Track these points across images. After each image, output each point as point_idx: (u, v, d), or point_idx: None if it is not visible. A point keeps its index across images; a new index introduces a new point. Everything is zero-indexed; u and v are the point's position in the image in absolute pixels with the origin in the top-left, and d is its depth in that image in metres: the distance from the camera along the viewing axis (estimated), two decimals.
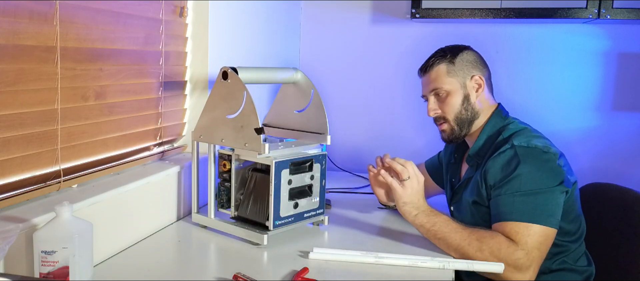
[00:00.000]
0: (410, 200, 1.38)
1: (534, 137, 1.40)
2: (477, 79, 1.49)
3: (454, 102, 1.48)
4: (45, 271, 0.95)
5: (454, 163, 1.63)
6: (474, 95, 1.49)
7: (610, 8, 1.94)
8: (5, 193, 1.03)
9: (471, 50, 1.54)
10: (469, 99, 1.48)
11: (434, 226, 1.35)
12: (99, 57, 1.24)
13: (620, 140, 2.17)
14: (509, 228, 1.29)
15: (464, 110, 1.48)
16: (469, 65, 1.50)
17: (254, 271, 1.16)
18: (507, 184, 1.32)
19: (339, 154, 2.40)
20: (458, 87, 1.48)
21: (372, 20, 2.36)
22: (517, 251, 1.26)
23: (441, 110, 1.51)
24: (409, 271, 1.21)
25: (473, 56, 1.52)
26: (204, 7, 1.62)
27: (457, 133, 1.50)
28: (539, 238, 1.27)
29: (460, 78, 1.49)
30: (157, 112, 1.50)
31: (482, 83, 1.49)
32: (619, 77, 2.14)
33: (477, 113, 1.49)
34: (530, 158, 1.33)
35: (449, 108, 1.49)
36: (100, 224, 1.16)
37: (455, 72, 1.49)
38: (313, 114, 1.46)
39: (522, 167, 1.32)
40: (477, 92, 1.49)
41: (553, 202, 1.31)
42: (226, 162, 1.39)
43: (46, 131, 1.10)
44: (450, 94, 1.48)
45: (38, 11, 1.05)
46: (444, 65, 1.50)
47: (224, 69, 1.32)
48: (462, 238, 1.30)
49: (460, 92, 1.48)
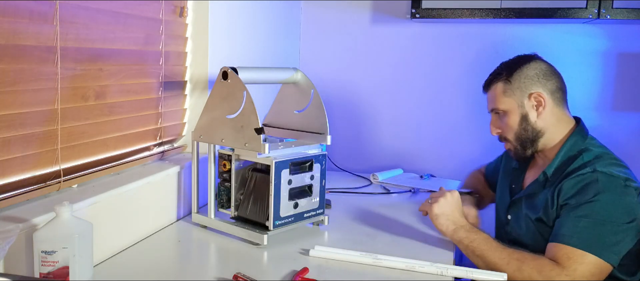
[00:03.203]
0: (443, 212, 1.38)
1: (617, 166, 1.34)
2: (536, 96, 1.41)
3: (511, 123, 1.44)
4: (45, 271, 0.95)
5: (518, 169, 1.56)
6: (533, 114, 1.41)
7: (610, 8, 1.94)
8: (5, 193, 1.03)
9: (534, 62, 1.44)
10: (528, 119, 1.42)
11: (472, 243, 1.32)
12: (99, 57, 1.24)
13: (620, 140, 2.17)
14: (563, 252, 1.22)
15: (523, 130, 1.42)
16: (527, 81, 1.42)
17: (254, 271, 1.16)
18: (578, 208, 1.26)
19: (339, 154, 2.40)
20: (515, 107, 1.42)
21: (372, 20, 2.36)
22: (561, 274, 1.19)
23: (501, 129, 1.48)
24: (408, 275, 1.20)
25: (535, 70, 1.43)
26: (204, 7, 1.62)
27: (521, 152, 1.46)
28: (592, 270, 1.20)
29: (518, 97, 1.42)
30: (157, 112, 1.50)
31: (542, 101, 1.40)
32: (619, 77, 2.14)
33: (540, 132, 1.42)
34: (611, 188, 1.27)
35: (507, 129, 1.45)
36: (100, 224, 1.16)
37: (512, 91, 1.43)
38: (313, 114, 1.46)
39: (600, 195, 1.26)
40: (537, 110, 1.41)
41: (619, 238, 1.23)
42: (226, 162, 1.39)
43: (46, 131, 1.10)
44: (508, 114, 1.44)
45: (38, 11, 1.05)
46: (500, 84, 1.45)
47: (224, 69, 1.32)
48: (501, 258, 1.26)
49: (518, 112, 1.42)
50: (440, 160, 2.33)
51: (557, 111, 1.43)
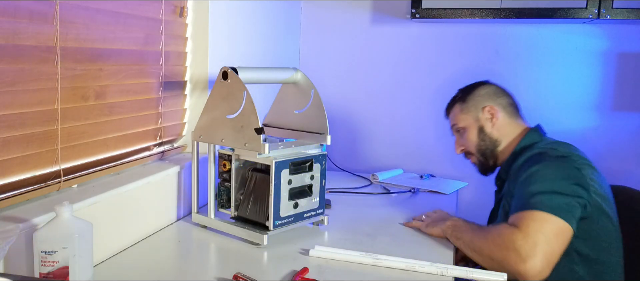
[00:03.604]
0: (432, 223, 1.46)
1: (562, 145, 1.43)
2: (489, 109, 1.57)
3: (471, 137, 1.60)
4: (45, 271, 0.95)
5: (498, 191, 1.65)
6: (488, 125, 1.57)
7: (610, 8, 1.94)
8: (5, 193, 1.03)
9: (485, 85, 1.64)
10: (484, 130, 1.58)
11: (458, 240, 1.37)
12: (99, 57, 1.24)
13: (620, 140, 2.17)
14: (516, 217, 1.29)
15: (482, 140, 1.58)
16: (480, 99, 1.60)
17: (254, 271, 1.16)
18: (525, 181, 1.35)
19: (339, 154, 2.40)
20: (472, 122, 1.60)
21: (372, 21, 2.36)
22: (515, 234, 1.24)
23: (464, 145, 1.64)
24: (408, 275, 1.20)
25: (486, 89, 1.62)
26: (204, 7, 1.62)
27: (485, 162, 1.61)
28: (544, 224, 1.24)
29: (473, 113, 1.60)
30: (157, 112, 1.50)
31: (495, 113, 1.57)
32: (619, 77, 2.15)
33: (497, 141, 1.57)
34: (548, 159, 1.38)
35: (469, 143, 1.62)
36: (100, 224, 1.16)
37: (468, 109, 1.61)
38: (313, 114, 1.46)
39: (537, 165, 1.36)
40: (491, 121, 1.57)
41: (568, 200, 1.28)
42: (226, 162, 1.39)
43: (46, 131, 1.10)
44: (467, 130, 1.61)
45: (38, 11, 1.05)
46: (458, 105, 1.64)
47: (224, 69, 1.32)
48: (474, 236, 1.33)
49: (475, 126, 1.59)
50: (440, 160, 2.33)
51: (511, 121, 1.59)
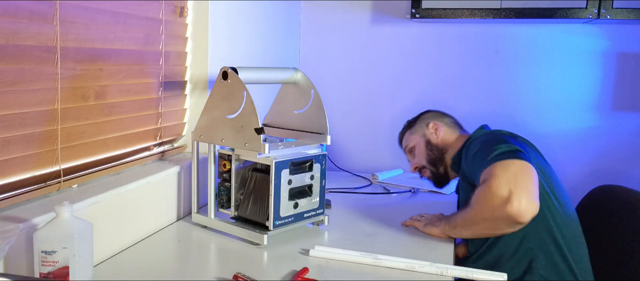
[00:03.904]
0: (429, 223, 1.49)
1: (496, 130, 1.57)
2: (432, 125, 1.75)
3: (420, 150, 1.77)
4: (45, 271, 0.95)
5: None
6: (434, 137, 1.74)
7: (610, 8, 1.94)
8: (5, 193, 1.03)
9: (428, 112, 1.84)
10: (431, 142, 1.74)
11: (455, 229, 1.42)
12: (99, 57, 1.24)
13: (620, 140, 2.17)
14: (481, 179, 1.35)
15: (430, 151, 1.74)
16: (424, 120, 1.79)
17: (254, 271, 1.16)
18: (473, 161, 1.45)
19: (339, 154, 2.40)
20: (420, 139, 1.77)
21: (372, 21, 2.36)
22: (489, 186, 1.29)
23: (416, 163, 1.78)
24: (408, 275, 1.20)
25: (429, 113, 1.83)
26: (204, 7, 1.62)
27: (436, 172, 1.74)
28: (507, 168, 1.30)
29: (420, 131, 1.78)
30: (157, 112, 1.50)
31: (438, 127, 1.74)
32: (619, 77, 2.15)
33: (444, 149, 1.72)
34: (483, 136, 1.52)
35: (420, 157, 1.77)
36: (100, 224, 1.16)
37: (415, 130, 1.80)
38: (313, 114, 1.46)
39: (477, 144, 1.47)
40: (436, 134, 1.74)
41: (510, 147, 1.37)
42: (226, 162, 1.39)
43: (46, 131, 1.10)
44: (417, 147, 1.78)
45: (38, 11, 1.05)
46: (407, 132, 1.84)
47: (224, 69, 1.32)
48: (463, 214, 1.39)
49: (422, 141, 1.76)
50: None
51: (454, 132, 1.74)
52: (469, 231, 1.40)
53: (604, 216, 1.57)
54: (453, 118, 1.80)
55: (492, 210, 1.29)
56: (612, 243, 1.52)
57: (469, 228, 1.39)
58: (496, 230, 1.35)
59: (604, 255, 1.50)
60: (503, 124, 2.21)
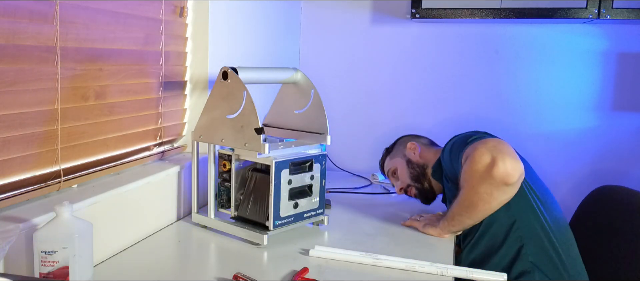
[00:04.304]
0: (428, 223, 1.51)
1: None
2: (410, 145, 1.81)
3: (402, 170, 1.81)
4: (45, 271, 0.95)
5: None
6: (413, 156, 1.80)
7: (610, 8, 1.94)
8: (5, 193, 1.03)
9: (405, 135, 1.93)
10: (411, 160, 1.79)
11: (454, 221, 1.43)
12: (99, 57, 1.24)
13: (619, 140, 2.17)
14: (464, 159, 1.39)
15: (412, 169, 1.78)
16: (402, 144, 1.87)
17: (254, 271, 1.16)
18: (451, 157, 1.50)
19: (339, 154, 2.40)
20: (400, 160, 1.82)
21: (372, 21, 2.36)
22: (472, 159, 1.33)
23: (401, 184, 1.81)
24: (408, 275, 1.20)
25: (406, 137, 1.91)
26: (204, 7, 1.62)
27: (421, 187, 1.77)
28: (486, 143, 1.35)
29: (399, 154, 1.84)
30: (157, 112, 1.50)
31: (416, 146, 1.80)
32: (619, 77, 2.14)
33: (424, 164, 1.77)
34: (455, 137, 1.56)
35: (403, 177, 1.80)
36: (100, 224, 1.16)
37: (394, 154, 1.87)
38: (313, 114, 1.46)
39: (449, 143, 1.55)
40: (415, 152, 1.80)
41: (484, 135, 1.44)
42: (226, 162, 1.39)
43: (46, 131, 1.10)
44: (399, 168, 1.82)
45: (38, 11, 1.05)
46: (387, 158, 1.91)
47: (224, 69, 1.32)
48: (457, 201, 1.42)
49: (403, 161, 1.81)
50: None
51: (431, 149, 1.80)
52: (467, 214, 1.40)
53: (604, 217, 1.57)
54: (428, 138, 1.89)
55: (481, 179, 1.32)
56: (613, 243, 1.52)
57: (466, 211, 1.40)
58: (491, 201, 1.35)
59: (605, 255, 1.50)
60: (503, 124, 2.21)
